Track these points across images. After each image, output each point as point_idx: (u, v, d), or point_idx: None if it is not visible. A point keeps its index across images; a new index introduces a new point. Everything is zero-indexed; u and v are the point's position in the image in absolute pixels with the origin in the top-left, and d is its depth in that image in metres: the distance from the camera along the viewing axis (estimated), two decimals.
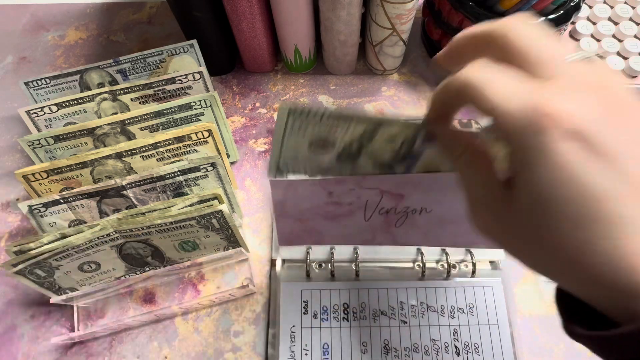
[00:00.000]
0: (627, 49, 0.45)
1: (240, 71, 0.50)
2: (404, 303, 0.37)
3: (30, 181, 0.38)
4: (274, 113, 0.47)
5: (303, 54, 0.46)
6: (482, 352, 0.35)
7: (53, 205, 0.36)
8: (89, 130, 0.39)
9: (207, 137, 0.38)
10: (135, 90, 0.41)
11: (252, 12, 0.41)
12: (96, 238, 0.34)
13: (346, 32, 0.43)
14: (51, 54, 0.52)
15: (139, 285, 0.40)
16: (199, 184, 0.38)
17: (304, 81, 0.49)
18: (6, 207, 0.44)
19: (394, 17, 0.40)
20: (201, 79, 0.41)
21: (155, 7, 0.55)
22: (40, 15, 0.55)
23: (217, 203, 0.34)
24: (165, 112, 0.40)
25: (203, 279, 0.40)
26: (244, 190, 0.44)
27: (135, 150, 0.38)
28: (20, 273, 0.34)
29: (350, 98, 0.48)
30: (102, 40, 0.53)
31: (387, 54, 0.46)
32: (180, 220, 0.34)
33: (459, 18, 0.41)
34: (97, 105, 0.41)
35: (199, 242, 0.37)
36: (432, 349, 0.36)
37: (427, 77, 0.49)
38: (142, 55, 0.42)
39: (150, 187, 0.37)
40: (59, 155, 0.40)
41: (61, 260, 0.34)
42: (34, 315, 0.39)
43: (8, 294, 0.40)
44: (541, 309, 0.38)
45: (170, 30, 0.53)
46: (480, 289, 0.38)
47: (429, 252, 0.38)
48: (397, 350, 0.36)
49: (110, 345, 0.38)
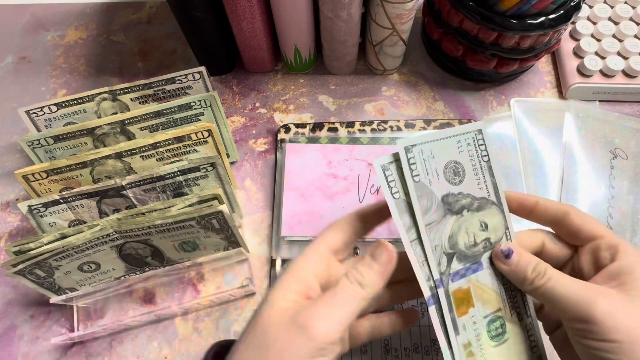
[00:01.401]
0: (627, 49, 0.45)
1: (240, 71, 0.50)
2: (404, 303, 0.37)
3: (30, 181, 0.38)
4: (274, 113, 0.47)
5: (303, 54, 0.46)
6: None
7: (53, 205, 0.36)
8: (89, 130, 0.39)
9: (207, 137, 0.38)
10: (135, 90, 0.41)
11: (252, 12, 0.41)
12: (96, 238, 0.34)
13: (346, 32, 0.43)
14: (51, 53, 0.52)
15: (139, 285, 0.40)
16: (199, 184, 0.38)
17: (304, 81, 0.49)
18: (6, 207, 0.44)
19: (394, 17, 0.40)
20: (201, 79, 0.41)
21: (155, 7, 0.55)
22: (40, 15, 0.55)
23: (217, 203, 0.34)
24: (165, 112, 0.40)
25: (203, 279, 0.40)
26: (244, 190, 0.44)
27: (135, 150, 0.38)
28: (20, 273, 0.34)
29: (350, 98, 0.48)
30: (102, 40, 0.53)
31: (387, 54, 0.45)
32: (180, 220, 0.34)
33: (459, 18, 0.41)
34: (97, 105, 0.41)
35: (199, 243, 0.37)
36: (432, 349, 0.36)
37: (427, 77, 0.49)
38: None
39: (150, 187, 0.37)
40: (59, 155, 0.40)
41: (61, 260, 0.34)
42: (34, 315, 0.39)
43: (8, 294, 0.40)
44: None
45: (170, 30, 0.53)
46: None
47: None
48: (397, 350, 0.36)
49: (110, 346, 0.38)
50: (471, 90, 0.48)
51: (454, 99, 0.47)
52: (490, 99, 0.47)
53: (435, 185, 0.26)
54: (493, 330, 0.27)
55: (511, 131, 0.45)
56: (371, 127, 0.44)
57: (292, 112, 0.47)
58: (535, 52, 0.42)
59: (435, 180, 0.26)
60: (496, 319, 0.28)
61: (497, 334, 0.28)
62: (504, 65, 0.44)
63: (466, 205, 0.27)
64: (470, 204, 0.27)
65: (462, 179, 0.27)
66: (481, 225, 0.27)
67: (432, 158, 0.26)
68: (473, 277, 0.27)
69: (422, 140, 0.26)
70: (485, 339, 0.27)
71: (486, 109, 0.47)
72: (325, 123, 0.45)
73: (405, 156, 0.25)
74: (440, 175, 0.26)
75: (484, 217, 0.27)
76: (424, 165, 0.26)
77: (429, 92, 0.48)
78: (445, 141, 0.27)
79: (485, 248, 0.28)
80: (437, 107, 0.47)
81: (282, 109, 0.47)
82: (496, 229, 0.28)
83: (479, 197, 0.27)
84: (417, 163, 0.26)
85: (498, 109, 0.47)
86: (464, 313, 0.27)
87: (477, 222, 0.27)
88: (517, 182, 0.42)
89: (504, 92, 0.48)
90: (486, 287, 0.28)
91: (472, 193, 0.27)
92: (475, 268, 0.27)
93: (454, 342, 0.26)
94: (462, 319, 0.27)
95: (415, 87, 0.48)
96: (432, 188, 0.26)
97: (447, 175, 0.27)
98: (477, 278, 0.27)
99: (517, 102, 0.46)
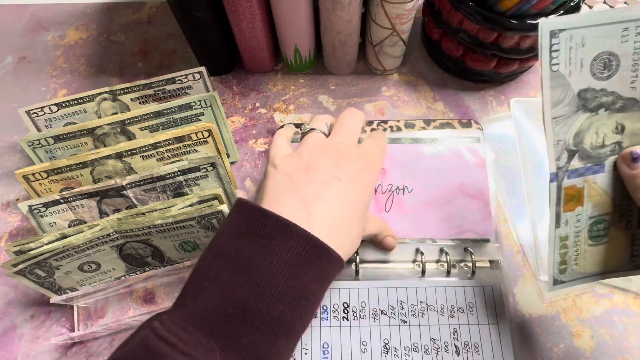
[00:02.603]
0: None
1: (240, 71, 0.50)
2: (404, 302, 0.37)
3: (30, 181, 0.38)
4: (274, 113, 0.47)
5: (303, 54, 0.47)
6: (481, 352, 0.35)
7: (53, 205, 0.36)
8: (89, 130, 0.39)
9: (207, 137, 0.38)
10: (135, 90, 0.41)
11: (252, 12, 0.41)
12: (96, 238, 0.34)
13: (346, 32, 0.43)
14: (51, 54, 0.52)
15: (139, 285, 0.40)
16: (199, 184, 0.38)
17: (304, 81, 0.49)
18: (6, 207, 0.44)
19: (394, 17, 0.40)
20: (201, 79, 0.41)
21: (155, 7, 0.55)
22: (40, 15, 0.55)
23: (217, 203, 0.34)
24: (165, 112, 0.40)
25: None
26: (244, 190, 0.44)
27: (135, 150, 0.38)
28: (20, 273, 0.34)
29: (350, 98, 0.48)
30: (102, 40, 0.53)
31: (387, 54, 0.46)
32: (181, 220, 0.34)
33: (459, 18, 0.41)
34: (97, 105, 0.41)
35: (199, 243, 0.37)
36: (432, 348, 0.36)
37: (427, 77, 0.49)
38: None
39: (150, 187, 0.37)
40: (59, 155, 0.40)
41: (61, 260, 0.34)
42: (34, 315, 0.39)
43: (8, 294, 0.40)
44: (541, 309, 0.38)
45: (170, 30, 0.53)
46: (480, 289, 0.38)
47: (428, 252, 0.38)
48: (397, 349, 0.36)
49: (110, 345, 0.38)
50: (471, 90, 0.48)
51: (454, 99, 0.47)
52: (490, 99, 0.47)
53: (575, 77, 0.24)
54: (595, 231, 0.27)
55: (511, 131, 0.45)
56: (371, 127, 0.44)
57: (292, 112, 0.47)
58: (535, 52, 0.42)
59: (576, 72, 0.24)
60: (601, 222, 0.28)
61: (597, 234, 0.28)
62: (504, 66, 0.44)
63: (606, 103, 0.25)
64: (613, 103, 0.25)
65: (612, 74, 0.25)
66: (617, 127, 0.26)
67: (580, 47, 0.24)
68: (591, 177, 0.27)
69: (575, 24, 0.23)
70: (584, 237, 0.27)
71: (486, 109, 0.47)
72: None
73: (549, 41, 0.23)
74: (585, 66, 0.24)
75: (623, 119, 0.25)
76: (567, 54, 0.23)
77: (429, 92, 0.48)
78: (607, 27, 0.23)
79: (613, 152, 0.26)
80: (437, 107, 0.47)
81: (282, 109, 0.47)
82: (634, 135, 0.26)
83: (627, 97, 0.25)
84: (561, 51, 0.23)
85: (498, 109, 0.47)
86: (571, 210, 0.27)
87: (612, 123, 0.26)
88: (517, 182, 0.42)
89: (503, 92, 0.48)
90: (602, 190, 0.27)
91: (619, 92, 0.25)
92: (597, 170, 0.26)
93: (551, 233, 0.27)
94: (566, 214, 0.27)
95: (415, 87, 0.48)
96: (570, 80, 0.24)
97: (593, 68, 0.24)
98: (594, 179, 0.27)
99: (517, 102, 0.46)
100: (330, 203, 0.28)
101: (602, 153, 0.26)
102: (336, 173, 0.29)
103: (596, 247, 0.28)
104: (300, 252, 0.25)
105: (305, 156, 0.30)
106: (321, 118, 0.35)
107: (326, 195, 0.28)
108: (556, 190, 0.26)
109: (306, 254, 0.25)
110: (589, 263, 0.28)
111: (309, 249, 0.25)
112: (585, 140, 0.26)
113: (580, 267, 0.28)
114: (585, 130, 0.25)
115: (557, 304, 0.38)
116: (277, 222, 0.26)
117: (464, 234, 0.39)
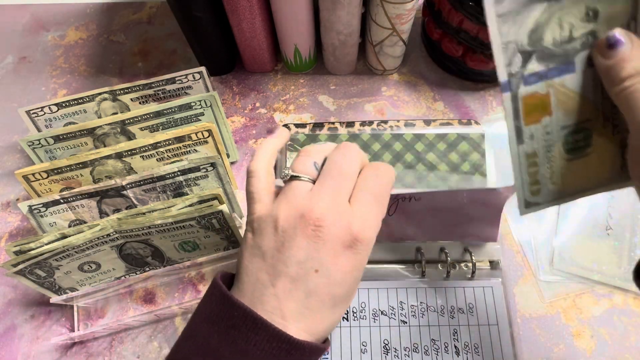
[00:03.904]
0: None
1: (240, 71, 0.50)
2: (404, 303, 0.37)
3: (30, 181, 0.38)
4: (274, 113, 0.47)
5: (303, 54, 0.46)
6: (482, 352, 0.35)
7: (53, 205, 0.36)
8: (89, 130, 0.39)
9: (207, 137, 0.38)
10: (135, 90, 0.41)
11: (252, 12, 0.41)
12: (96, 238, 0.34)
13: (346, 32, 0.43)
14: (51, 54, 0.52)
15: (139, 285, 0.40)
16: (199, 184, 0.38)
17: (304, 81, 0.49)
18: (6, 207, 0.44)
19: (394, 17, 0.40)
20: (201, 79, 0.41)
21: (155, 7, 0.55)
22: (40, 15, 0.55)
23: (217, 203, 0.34)
24: (165, 112, 0.40)
25: (203, 279, 0.40)
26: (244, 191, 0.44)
27: (135, 150, 0.38)
28: (20, 273, 0.34)
29: (350, 98, 0.48)
30: (102, 40, 0.53)
31: (387, 54, 0.46)
32: (181, 220, 0.34)
33: (459, 18, 0.41)
34: (97, 105, 0.41)
35: (199, 242, 0.37)
36: (432, 348, 0.36)
37: (427, 77, 0.49)
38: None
39: (150, 187, 0.37)
40: (59, 155, 0.40)
41: (61, 260, 0.34)
42: (34, 315, 0.39)
43: (8, 294, 0.40)
44: (541, 309, 0.38)
45: (170, 30, 0.53)
46: (480, 289, 0.38)
47: (428, 252, 0.38)
48: (397, 350, 0.36)
49: (110, 345, 0.38)
50: (471, 90, 0.48)
51: (454, 99, 0.47)
52: (490, 99, 0.47)
53: None
54: (572, 142, 0.24)
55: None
56: (371, 126, 0.44)
57: (292, 112, 0.47)
58: None
59: None
60: (580, 130, 0.23)
61: (576, 146, 0.24)
62: None
63: None
64: None
65: None
66: (587, 13, 0.21)
67: None
68: (557, 81, 0.22)
69: None
70: (558, 151, 0.24)
71: (486, 109, 0.47)
72: (325, 123, 0.45)
73: None
74: None
75: (595, 2, 0.21)
76: None
77: (429, 92, 0.48)
78: None
79: (583, 46, 0.22)
80: (437, 107, 0.47)
81: (282, 109, 0.47)
82: (611, 20, 0.21)
83: None
84: None
85: (498, 109, 0.47)
86: (534, 122, 0.23)
87: (581, 9, 0.21)
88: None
89: None
90: (574, 93, 0.23)
91: None
92: (563, 69, 0.22)
93: (513, 151, 0.23)
94: (530, 127, 0.23)
95: (415, 87, 0.48)
96: None
97: None
98: (563, 82, 0.23)
99: None
100: (306, 302, 0.24)
101: (570, 49, 0.22)
102: (312, 263, 0.24)
103: (577, 161, 0.24)
104: (266, 348, 0.23)
105: (279, 229, 0.25)
106: (311, 153, 0.28)
107: (300, 291, 0.24)
108: (510, 100, 0.22)
109: (273, 350, 0.23)
110: (570, 180, 0.24)
111: (276, 345, 0.23)
112: (546, 37, 0.21)
113: (558, 186, 0.24)
114: (543, 24, 0.21)
115: (557, 304, 0.38)
116: (244, 315, 0.23)
117: (468, 238, 0.39)
